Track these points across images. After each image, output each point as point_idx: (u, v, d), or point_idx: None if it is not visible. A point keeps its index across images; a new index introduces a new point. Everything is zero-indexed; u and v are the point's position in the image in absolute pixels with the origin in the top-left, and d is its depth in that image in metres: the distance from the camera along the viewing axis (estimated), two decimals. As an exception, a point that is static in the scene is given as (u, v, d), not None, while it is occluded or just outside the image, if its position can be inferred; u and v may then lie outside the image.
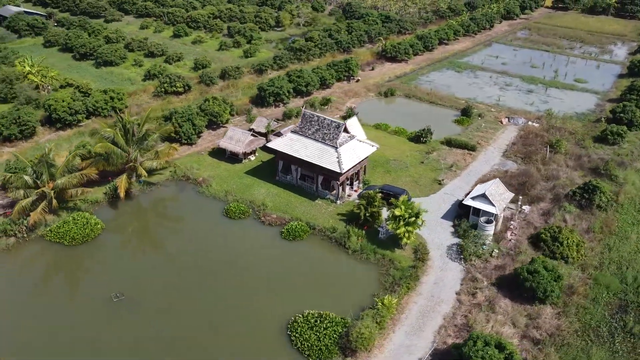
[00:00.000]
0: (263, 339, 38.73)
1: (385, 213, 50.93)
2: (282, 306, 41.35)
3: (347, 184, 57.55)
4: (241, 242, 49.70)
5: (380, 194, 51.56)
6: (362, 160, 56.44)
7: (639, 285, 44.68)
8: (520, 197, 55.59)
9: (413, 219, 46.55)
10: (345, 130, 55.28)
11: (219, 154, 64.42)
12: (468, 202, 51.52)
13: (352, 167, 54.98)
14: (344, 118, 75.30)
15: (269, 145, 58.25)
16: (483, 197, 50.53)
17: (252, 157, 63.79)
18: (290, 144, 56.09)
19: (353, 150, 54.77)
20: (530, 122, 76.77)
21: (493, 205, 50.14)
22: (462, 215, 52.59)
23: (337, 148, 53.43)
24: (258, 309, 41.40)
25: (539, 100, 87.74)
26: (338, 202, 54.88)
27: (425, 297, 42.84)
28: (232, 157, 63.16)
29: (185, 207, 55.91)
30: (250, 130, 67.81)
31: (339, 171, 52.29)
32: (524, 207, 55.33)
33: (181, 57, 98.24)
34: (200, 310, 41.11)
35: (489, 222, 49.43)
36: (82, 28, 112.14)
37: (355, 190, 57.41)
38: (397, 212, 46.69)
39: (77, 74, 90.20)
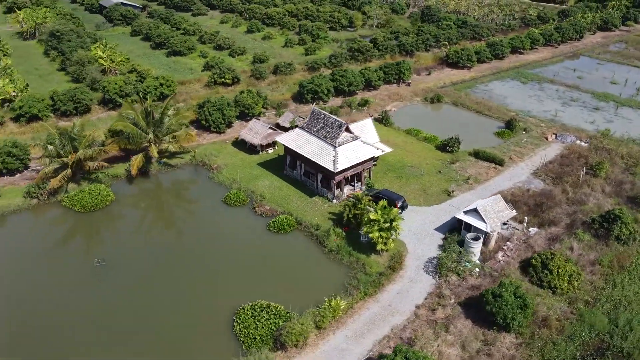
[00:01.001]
0: (211, 320, 40.18)
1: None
2: (240, 292, 42.50)
3: (352, 185, 57.36)
4: (227, 228, 51.76)
5: (368, 197, 50.75)
6: (364, 162, 55.81)
7: (629, 330, 39.88)
8: (526, 217, 51.77)
9: (387, 224, 45.37)
10: (348, 130, 54.95)
11: (242, 144, 67.01)
12: (460, 215, 49.09)
13: (351, 168, 54.67)
14: (377, 120, 74.84)
15: (277, 138, 59.62)
16: (475, 212, 47.89)
17: (270, 150, 65.56)
18: (295, 139, 57.06)
19: (353, 151, 54.40)
20: (578, 141, 70.53)
21: (484, 221, 47.33)
22: (456, 229, 50.20)
23: (335, 147, 53.43)
24: (217, 291, 43.06)
25: (603, 119, 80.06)
26: (334, 201, 54.88)
27: (381, 306, 41.77)
28: (251, 148, 65.43)
29: (191, 190, 59.25)
30: (276, 124, 69.70)
31: (332, 170, 52.30)
32: (531, 229, 51.44)
33: (244, 52, 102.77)
34: (167, 283, 43.71)
35: (476, 238, 46.76)
36: (165, 20, 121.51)
37: (356, 192, 56.84)
38: (372, 216, 45.83)
39: (148, 61, 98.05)
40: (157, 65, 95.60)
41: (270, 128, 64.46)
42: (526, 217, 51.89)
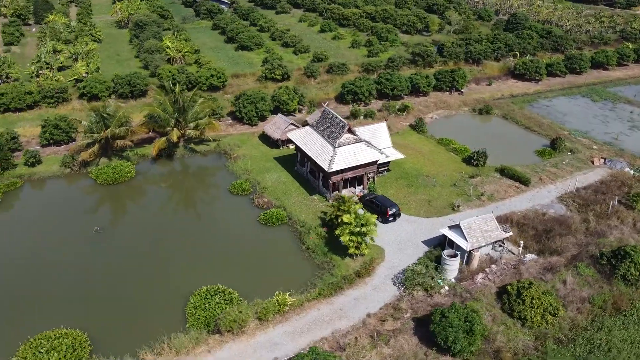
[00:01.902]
0: (171, 296, 42.35)
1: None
2: (206, 275, 44.20)
3: (354, 188, 57.08)
4: (221, 215, 54.20)
5: (356, 199, 50.25)
6: (365, 165, 55.16)
7: (594, 377, 35.95)
8: (522, 242, 48.11)
9: (358, 229, 44.74)
10: (351, 132, 54.60)
11: (268, 138, 69.12)
12: (444, 230, 46.95)
13: (350, 170, 54.39)
14: (412, 127, 73.29)
15: (288, 135, 60.82)
16: (458, 228, 45.57)
17: (292, 146, 66.79)
18: (303, 136, 57.91)
19: (354, 153, 54.04)
20: (628, 169, 63.50)
21: (465, 239, 44.89)
22: (441, 244, 48.08)
23: (335, 147, 53.49)
24: (188, 270, 45.36)
25: (673, 148, 71.15)
26: (330, 201, 54.97)
27: (332, 308, 41.46)
28: (274, 143, 67.29)
29: (204, 176, 62.53)
30: (304, 122, 70.87)
31: (326, 169, 52.46)
32: (527, 255, 47.76)
33: (307, 50, 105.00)
34: (148, 255, 47.37)
35: (453, 255, 44.51)
36: (245, 16, 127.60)
37: (358, 195, 56.37)
38: (345, 219, 45.46)
39: (216, 53, 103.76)
40: (222, 58, 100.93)
41: (291, 124, 65.79)
42: (521, 242, 48.23)
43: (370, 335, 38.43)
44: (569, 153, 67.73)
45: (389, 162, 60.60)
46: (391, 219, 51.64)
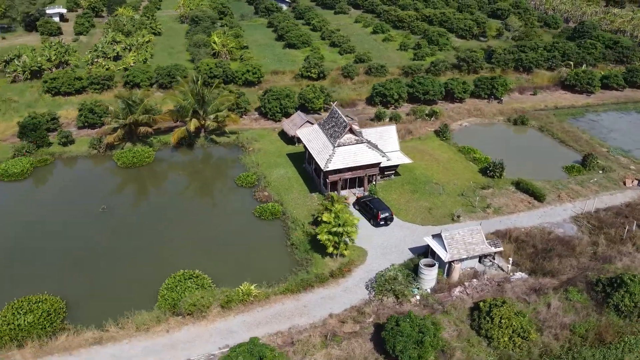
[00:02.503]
0: (150, 277, 44.13)
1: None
2: (188, 260, 45.66)
3: (356, 189, 56.83)
4: (220, 204, 56.12)
5: (344, 199, 50.00)
6: (366, 167, 54.66)
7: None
8: (510, 259, 45.70)
9: (336, 228, 44.54)
10: (352, 132, 54.26)
11: (285, 134, 70.14)
12: (427, 238, 45.64)
13: (348, 170, 54.18)
14: (436, 132, 71.58)
15: (297, 132, 61.43)
16: (440, 237, 44.17)
17: (307, 143, 67.50)
18: (309, 134, 58.38)
19: (354, 154, 53.74)
20: (662, 193, 58.21)
21: (445, 250, 43.43)
22: (424, 253, 46.79)
23: (334, 147, 53.50)
24: (173, 253, 47.26)
25: None
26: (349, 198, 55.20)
27: (296, 305, 41.67)
28: (290, 139, 68.24)
29: (216, 166, 64.84)
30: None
31: (322, 168, 52.61)
32: (517, 273, 45.33)
33: (353, 50, 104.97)
34: (141, 234, 50.20)
35: (430, 265, 43.21)
36: (301, 15, 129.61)
37: (357, 196, 55.97)
38: (324, 217, 45.46)
39: (264, 50, 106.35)
40: (268, 55, 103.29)
41: (308, 122, 66.38)
42: (511, 259, 45.80)
43: (325, 335, 38.30)
44: (601, 171, 63.08)
45: (396, 166, 59.63)
46: (382, 222, 50.88)
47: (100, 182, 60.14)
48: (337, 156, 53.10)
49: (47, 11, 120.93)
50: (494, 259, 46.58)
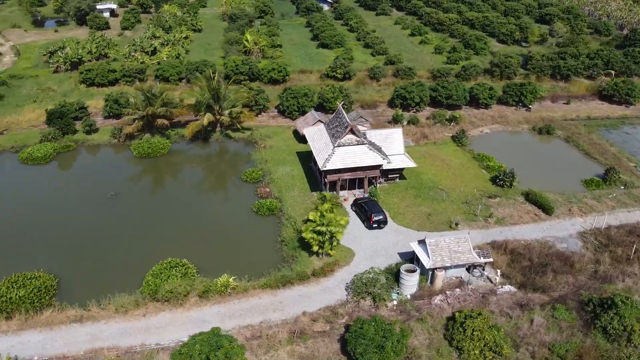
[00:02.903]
0: (140, 263, 45.63)
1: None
2: (180, 249, 47.14)
3: (360, 191, 56.61)
4: (220, 197, 57.58)
5: (336, 199, 49.89)
6: (366, 169, 54.27)
7: None
8: (499, 270, 44.12)
9: (320, 228, 44.55)
10: (354, 133, 53.96)
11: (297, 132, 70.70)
12: (412, 244, 44.83)
13: (348, 171, 54.01)
14: (453, 138, 70.04)
15: (304, 131, 61.72)
16: (424, 243, 43.31)
17: (319, 143, 67.72)
18: (314, 133, 58.59)
19: (354, 154, 53.50)
20: (685, 214, 54.31)
21: (427, 256, 42.55)
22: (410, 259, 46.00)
23: (334, 147, 53.47)
24: (166, 242, 48.84)
25: None
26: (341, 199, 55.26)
27: (273, 300, 41.97)
28: (302, 137, 68.56)
29: (227, 161, 66.38)
30: (340, 120, 71.14)
31: (320, 167, 52.72)
32: (506, 286, 43.77)
33: (385, 52, 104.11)
34: (142, 221, 52.55)
35: (411, 270, 42.47)
36: (339, 16, 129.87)
37: (358, 197, 55.65)
38: (310, 216, 45.56)
39: (297, 50, 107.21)
40: (301, 54, 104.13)
41: (319, 121, 66.56)
42: (499, 270, 44.22)
43: (293, 332, 38.49)
44: (622, 187, 59.65)
45: (401, 170, 58.84)
46: (375, 225, 50.39)
47: (114, 170, 62.88)
48: (336, 156, 53.05)
49: (98, 6, 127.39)
50: (484, 269, 45.17)
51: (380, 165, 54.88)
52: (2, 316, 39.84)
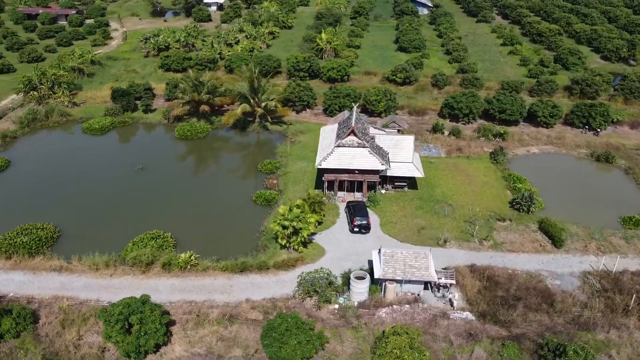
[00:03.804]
0: (133, 230, 49.73)
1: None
2: (170, 223, 51.12)
3: (359, 194, 56.12)
4: (230, 184, 60.31)
5: (322, 196, 49.92)
6: (364, 172, 53.46)
7: None
8: (456, 294, 41.15)
9: (286, 222, 45.17)
10: (355, 135, 53.33)
11: (335, 130, 71.23)
12: (374, 251, 43.60)
13: (344, 172, 53.68)
14: (491, 155, 65.54)
15: (321, 128, 62.12)
16: (379, 253, 42.02)
17: (346, 143, 67.74)
18: (326, 131, 58.93)
19: (352, 156, 53.00)
20: None
21: (380, 266, 41.24)
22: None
23: (335, 146, 53.47)
24: (162, 214, 52.98)
25: None
26: (324, 199, 55.33)
27: (225, 283, 43.50)
28: (333, 136, 69.17)
29: (254, 150, 69.28)
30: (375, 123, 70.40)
31: (315, 165, 53.13)
32: (464, 312, 40.83)
33: (462, 59, 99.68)
34: (153, 194, 57.42)
35: (360, 278, 41.49)
36: (433, 21, 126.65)
37: (357, 199, 55.02)
38: (280, 209, 46.36)
39: (374, 51, 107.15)
40: (376, 57, 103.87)
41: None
42: (456, 294, 41.22)
43: (223, 315, 39.92)
44: (666, 231, 51.57)
45: (409, 179, 56.91)
46: (356, 229, 49.63)
47: (153, 146, 69.15)
48: (333, 156, 53.06)
49: (205, 0, 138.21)
50: (448, 291, 42.50)
51: (379, 171, 53.70)
52: (4, 256, 46.46)
